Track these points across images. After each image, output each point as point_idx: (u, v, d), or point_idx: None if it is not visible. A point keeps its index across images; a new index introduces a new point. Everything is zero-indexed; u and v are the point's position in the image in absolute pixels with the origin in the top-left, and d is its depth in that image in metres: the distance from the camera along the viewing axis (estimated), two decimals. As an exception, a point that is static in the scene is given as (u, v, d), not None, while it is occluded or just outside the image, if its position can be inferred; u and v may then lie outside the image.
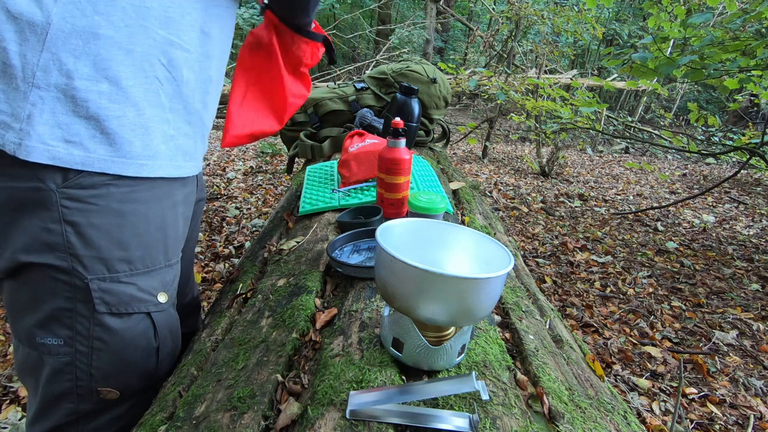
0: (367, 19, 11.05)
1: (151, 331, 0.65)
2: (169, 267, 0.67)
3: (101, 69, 0.54)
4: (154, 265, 0.64)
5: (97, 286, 0.58)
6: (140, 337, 0.63)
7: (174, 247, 0.68)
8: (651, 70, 2.43)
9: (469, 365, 0.57)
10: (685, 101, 7.99)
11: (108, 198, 0.57)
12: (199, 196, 0.86)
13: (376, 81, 1.87)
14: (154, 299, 0.64)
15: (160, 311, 0.66)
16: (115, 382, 0.63)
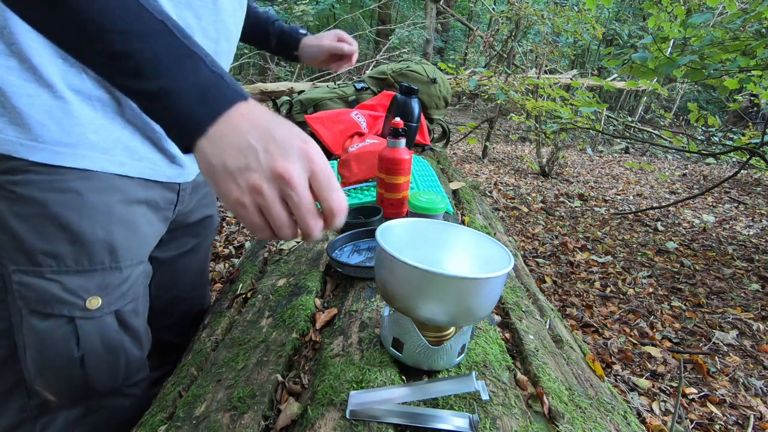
0: (367, 19, 11.05)
1: (73, 339, 0.57)
2: (116, 269, 0.59)
3: (10, 44, 0.48)
4: (93, 264, 0.57)
5: (18, 279, 0.54)
6: (59, 344, 0.57)
7: (128, 248, 0.60)
8: (651, 70, 2.43)
9: (469, 365, 0.57)
10: (685, 101, 7.99)
11: (29, 186, 0.52)
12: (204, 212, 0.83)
13: (376, 81, 1.87)
14: (79, 303, 0.57)
15: (87, 318, 0.58)
16: (45, 384, 0.59)
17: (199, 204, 0.80)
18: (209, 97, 0.38)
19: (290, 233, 0.41)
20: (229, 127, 0.38)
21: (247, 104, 0.40)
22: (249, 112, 0.39)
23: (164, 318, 0.82)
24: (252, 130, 0.38)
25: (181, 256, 0.81)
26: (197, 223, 0.82)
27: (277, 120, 0.40)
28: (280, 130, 0.39)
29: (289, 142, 0.39)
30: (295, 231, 0.41)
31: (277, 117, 0.41)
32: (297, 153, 0.39)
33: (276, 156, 0.38)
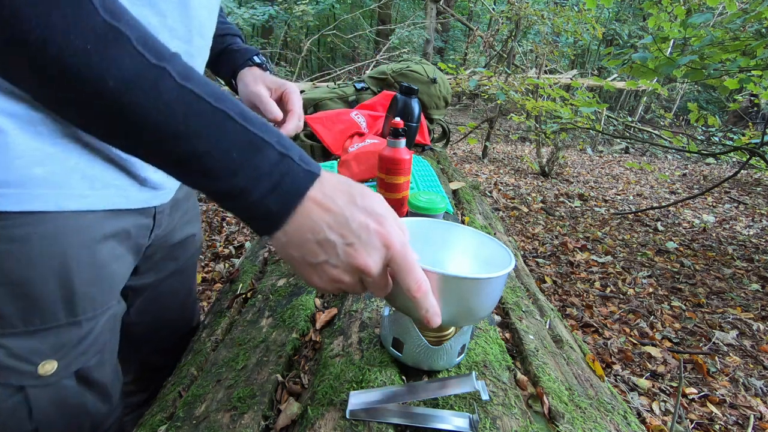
0: (367, 19, 11.05)
1: (24, 410, 0.49)
2: (74, 325, 0.51)
3: None
4: (45, 323, 0.48)
5: None
6: (7, 417, 0.49)
7: (90, 297, 0.52)
8: (651, 70, 2.43)
9: (469, 365, 0.57)
10: (685, 101, 7.99)
11: None
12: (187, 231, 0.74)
13: (376, 81, 1.87)
14: (30, 369, 0.48)
15: (40, 386, 0.50)
16: None
17: (180, 222, 0.72)
18: (282, 190, 0.36)
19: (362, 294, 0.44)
20: (305, 221, 0.37)
21: (321, 184, 0.38)
22: (323, 197, 0.38)
23: (147, 344, 0.76)
24: (328, 219, 0.38)
25: (162, 281, 0.72)
26: (179, 244, 0.73)
27: (352, 198, 0.39)
28: (357, 215, 0.38)
29: (366, 228, 0.38)
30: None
31: (352, 189, 0.40)
32: (375, 241, 0.39)
33: (355, 250, 0.38)
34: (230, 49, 0.76)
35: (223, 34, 0.76)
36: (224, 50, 0.77)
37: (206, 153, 0.34)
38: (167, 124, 0.33)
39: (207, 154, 0.34)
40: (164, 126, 0.33)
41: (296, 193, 0.37)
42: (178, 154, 0.34)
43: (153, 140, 0.34)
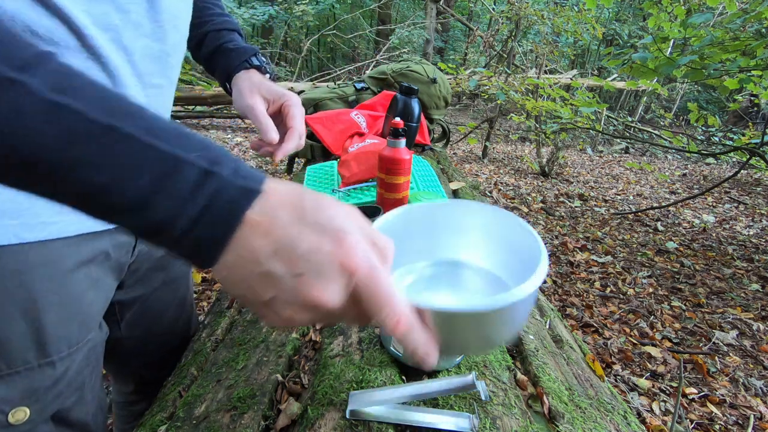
0: (367, 19, 11.05)
1: None
2: (47, 366, 0.46)
3: None
4: (12, 366, 0.44)
5: None
6: None
7: (63, 334, 0.47)
8: (651, 70, 2.43)
9: (469, 365, 0.56)
10: (685, 101, 7.99)
11: None
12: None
13: (376, 81, 1.87)
14: (0, 419, 0.45)
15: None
16: None
17: None
18: (212, 215, 0.27)
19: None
20: (244, 251, 0.28)
21: (262, 201, 0.28)
22: (262, 217, 0.28)
23: (139, 358, 0.73)
24: (269, 246, 0.28)
25: (153, 293, 0.69)
26: (164, 255, 0.68)
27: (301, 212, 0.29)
28: (305, 235, 0.28)
29: (317, 251, 0.28)
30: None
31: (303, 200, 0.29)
32: (330, 267, 0.28)
33: (306, 281, 0.28)
34: (225, 48, 0.66)
35: (218, 29, 0.67)
36: (218, 48, 0.66)
37: (107, 184, 0.25)
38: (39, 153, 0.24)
39: (108, 186, 0.25)
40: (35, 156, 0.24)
41: (230, 217, 0.27)
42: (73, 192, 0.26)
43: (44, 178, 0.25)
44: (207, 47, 0.67)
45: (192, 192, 0.27)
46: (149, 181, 0.26)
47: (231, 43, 0.67)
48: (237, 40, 0.68)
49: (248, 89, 0.64)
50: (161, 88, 0.52)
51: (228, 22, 0.68)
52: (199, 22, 0.66)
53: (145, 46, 0.47)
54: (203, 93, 4.80)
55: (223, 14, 0.69)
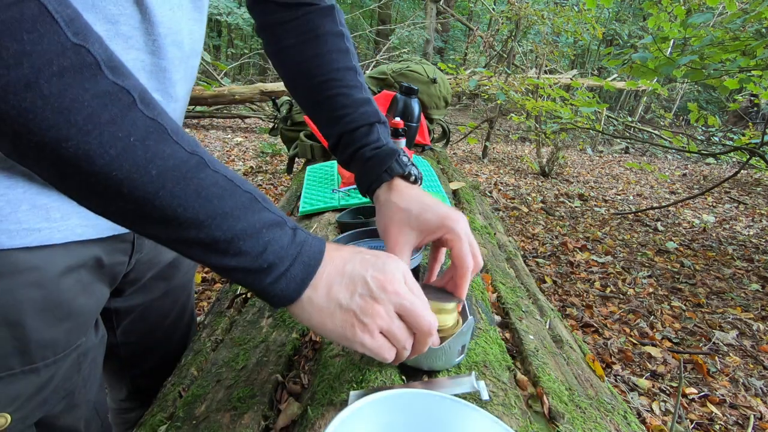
0: (367, 19, 11.06)
1: None
2: (31, 373, 0.46)
3: None
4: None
5: None
6: None
7: (49, 341, 0.47)
8: (651, 70, 2.43)
9: (469, 365, 0.56)
10: (685, 101, 8.00)
11: None
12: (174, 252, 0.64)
13: (376, 81, 1.87)
14: None
15: None
16: None
17: None
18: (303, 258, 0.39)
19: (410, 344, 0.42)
20: (329, 268, 0.40)
21: (329, 244, 0.42)
22: (335, 248, 0.41)
23: (134, 365, 0.72)
24: (346, 261, 0.41)
25: (152, 302, 0.68)
26: (170, 264, 0.68)
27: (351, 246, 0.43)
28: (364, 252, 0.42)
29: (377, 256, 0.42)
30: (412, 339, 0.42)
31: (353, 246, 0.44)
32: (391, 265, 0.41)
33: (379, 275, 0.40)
34: (361, 156, 0.57)
35: (352, 129, 0.57)
36: (354, 156, 0.58)
37: (242, 234, 0.36)
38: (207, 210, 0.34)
39: (243, 235, 0.36)
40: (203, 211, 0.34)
41: (317, 255, 0.40)
42: (213, 236, 0.35)
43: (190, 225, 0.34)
44: (343, 153, 0.59)
45: (290, 242, 0.38)
46: (267, 232, 0.37)
47: (368, 148, 0.57)
48: (374, 139, 0.57)
49: (395, 222, 0.53)
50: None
51: (365, 114, 0.58)
52: (334, 116, 0.58)
53: (136, 59, 0.45)
54: (203, 93, 4.80)
55: (360, 102, 0.58)
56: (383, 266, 0.41)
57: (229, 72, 7.83)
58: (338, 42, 0.59)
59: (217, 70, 5.41)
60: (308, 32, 0.58)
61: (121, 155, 0.30)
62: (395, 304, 0.40)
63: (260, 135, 5.36)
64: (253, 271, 0.37)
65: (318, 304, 0.39)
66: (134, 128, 0.31)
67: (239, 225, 0.35)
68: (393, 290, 0.40)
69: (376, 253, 0.42)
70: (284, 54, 0.60)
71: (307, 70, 0.59)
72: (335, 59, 0.58)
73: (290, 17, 0.58)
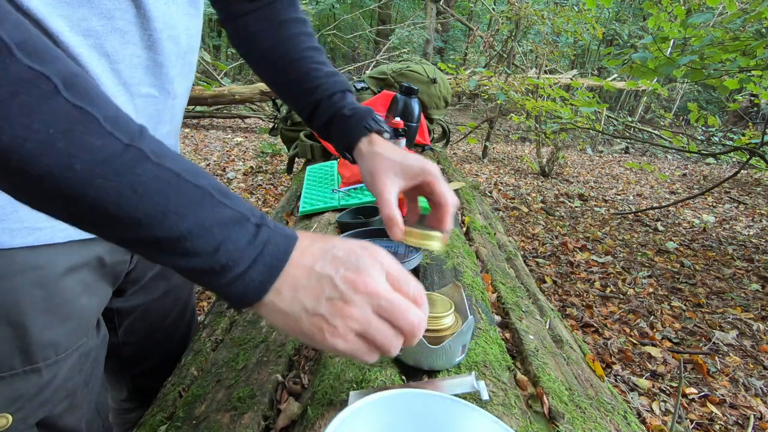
0: (367, 19, 11.06)
1: None
2: (33, 373, 0.46)
3: None
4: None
5: None
6: None
7: (51, 341, 0.46)
8: (651, 70, 2.43)
9: (469, 365, 0.56)
10: (685, 101, 8.00)
11: None
12: None
13: (376, 81, 1.87)
14: None
15: None
16: None
17: None
18: (265, 259, 0.34)
19: (398, 343, 0.38)
20: (295, 271, 0.35)
21: (300, 241, 0.37)
22: (305, 247, 0.37)
23: (135, 364, 0.72)
24: (315, 261, 0.36)
25: (153, 302, 0.69)
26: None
27: (327, 240, 0.38)
28: (337, 248, 0.37)
29: (351, 251, 0.37)
30: (401, 338, 0.38)
31: (324, 236, 0.39)
32: (366, 261, 0.36)
33: (350, 275, 0.35)
34: (341, 115, 0.62)
35: (330, 94, 0.63)
36: (334, 116, 0.63)
37: (188, 233, 0.32)
38: (145, 208, 0.30)
39: (189, 235, 0.32)
40: (141, 209, 0.30)
41: (282, 255, 0.35)
42: (155, 236, 0.31)
43: (128, 224, 0.30)
44: (320, 118, 0.64)
45: (250, 241, 0.34)
46: (221, 230, 0.33)
47: (346, 108, 0.62)
48: (349, 102, 0.63)
49: (382, 170, 0.57)
50: (154, 98, 0.50)
51: (337, 83, 0.64)
52: (308, 88, 0.63)
53: (133, 54, 0.45)
54: (203, 93, 4.80)
55: (330, 73, 0.64)
56: (357, 263, 0.36)
57: (229, 72, 7.82)
58: (303, 26, 0.65)
59: (217, 70, 5.40)
60: (274, 19, 0.63)
61: (38, 149, 0.27)
62: (371, 305, 0.36)
63: (260, 135, 5.36)
64: (205, 272, 0.33)
65: (282, 309, 0.35)
66: (54, 118, 0.27)
67: (185, 224, 0.31)
68: (366, 291, 0.35)
69: (350, 247, 0.37)
70: (253, 40, 0.64)
71: (277, 53, 0.63)
72: (303, 40, 0.64)
73: (255, 7, 0.62)
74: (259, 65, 0.66)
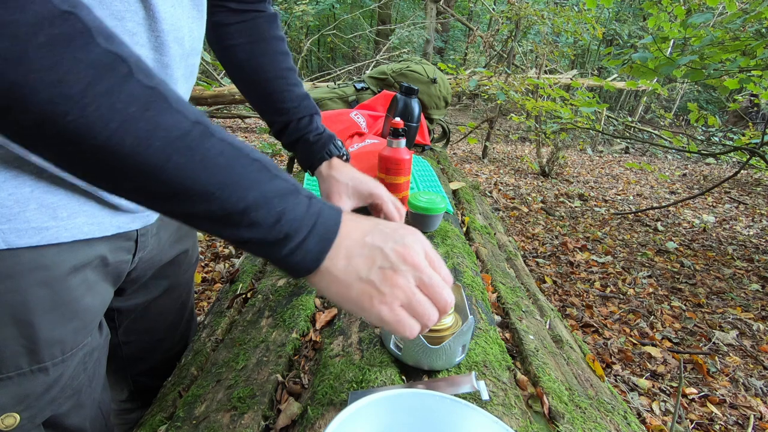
0: (367, 19, 11.06)
1: None
2: (40, 372, 0.46)
3: None
4: (3, 372, 0.44)
5: None
6: None
7: (57, 340, 0.47)
8: (651, 70, 2.43)
9: (469, 365, 0.56)
10: (685, 101, 8.00)
11: None
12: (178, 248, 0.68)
13: (376, 81, 1.87)
14: None
15: None
16: None
17: (170, 241, 0.67)
18: (320, 228, 0.38)
19: (435, 318, 0.41)
20: (347, 242, 0.39)
21: (345, 214, 0.40)
22: (351, 220, 0.40)
23: (135, 364, 0.72)
24: (365, 233, 0.40)
25: (153, 301, 0.69)
26: (170, 263, 0.68)
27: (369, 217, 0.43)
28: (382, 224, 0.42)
29: (396, 229, 0.41)
30: (437, 314, 0.41)
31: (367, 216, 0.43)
32: (410, 238, 0.41)
33: (399, 248, 0.39)
34: (305, 140, 0.73)
35: (299, 117, 0.72)
36: (300, 140, 0.73)
37: (254, 204, 0.34)
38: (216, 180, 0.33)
39: (255, 205, 0.34)
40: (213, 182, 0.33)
41: (334, 226, 0.39)
42: (225, 208, 0.33)
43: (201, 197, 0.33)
44: (288, 137, 0.74)
45: (305, 211, 0.37)
46: (280, 202, 0.36)
47: (311, 134, 0.73)
48: (315, 127, 0.74)
49: (336, 192, 0.71)
50: None
51: (306, 107, 0.73)
52: (280, 108, 0.72)
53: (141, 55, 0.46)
54: (203, 93, 4.79)
55: (301, 96, 0.72)
56: (403, 238, 0.40)
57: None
58: (281, 45, 0.71)
59: (217, 70, 5.40)
60: (256, 35, 0.69)
61: (123, 127, 0.29)
62: (415, 277, 0.39)
63: (260, 135, 5.36)
64: (269, 242, 0.36)
65: (335, 276, 0.38)
66: (133, 99, 0.29)
67: (250, 195, 0.34)
68: (413, 263, 0.39)
69: (394, 226, 0.42)
70: (232, 51, 0.69)
71: (254, 67, 0.69)
72: (280, 60, 0.70)
73: (239, 20, 0.67)
74: (235, 74, 0.72)
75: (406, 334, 0.39)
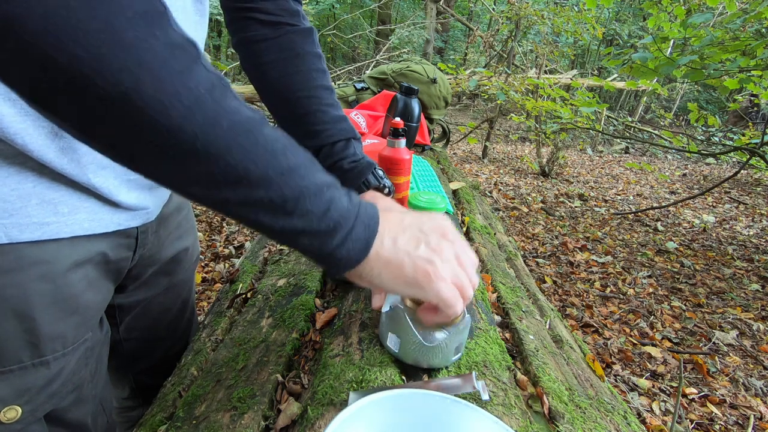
0: (367, 19, 11.06)
1: None
2: (41, 366, 0.46)
3: None
4: (6, 364, 0.44)
5: None
6: None
7: (58, 334, 0.47)
8: (651, 70, 2.43)
9: (469, 365, 0.56)
10: (685, 101, 8.00)
11: None
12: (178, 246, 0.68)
13: (376, 81, 1.87)
14: None
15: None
16: None
17: (170, 239, 0.66)
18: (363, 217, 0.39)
19: (471, 292, 0.43)
20: (389, 226, 0.41)
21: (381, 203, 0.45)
22: (384, 209, 0.43)
23: (136, 361, 0.72)
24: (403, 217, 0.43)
25: (154, 298, 0.69)
26: (171, 260, 0.68)
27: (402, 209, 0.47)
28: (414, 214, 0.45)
29: (423, 214, 0.45)
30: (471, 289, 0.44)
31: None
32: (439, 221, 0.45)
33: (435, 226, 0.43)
34: (339, 168, 0.64)
35: (333, 142, 0.64)
36: (333, 167, 0.65)
37: (307, 192, 0.35)
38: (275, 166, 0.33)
39: (307, 193, 0.35)
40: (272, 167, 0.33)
41: (375, 214, 0.41)
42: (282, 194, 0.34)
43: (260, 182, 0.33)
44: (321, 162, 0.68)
45: (349, 202, 0.38)
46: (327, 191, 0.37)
47: (346, 161, 0.65)
48: (351, 153, 0.65)
49: None
50: None
51: (343, 130, 0.65)
52: (313, 130, 0.64)
53: None
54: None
55: (337, 119, 0.65)
56: (432, 221, 0.44)
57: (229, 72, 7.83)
58: (317, 62, 0.65)
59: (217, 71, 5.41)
60: (289, 50, 0.63)
61: (194, 106, 0.29)
62: (454, 252, 0.42)
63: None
64: (321, 233, 0.36)
65: (387, 258, 0.39)
66: (201, 80, 0.30)
67: (304, 182, 0.35)
68: (450, 239, 0.42)
69: (418, 213, 0.45)
70: (264, 69, 0.63)
71: (287, 85, 0.63)
72: (315, 78, 0.64)
73: (271, 35, 0.62)
74: (267, 94, 0.66)
75: (458, 309, 0.41)
